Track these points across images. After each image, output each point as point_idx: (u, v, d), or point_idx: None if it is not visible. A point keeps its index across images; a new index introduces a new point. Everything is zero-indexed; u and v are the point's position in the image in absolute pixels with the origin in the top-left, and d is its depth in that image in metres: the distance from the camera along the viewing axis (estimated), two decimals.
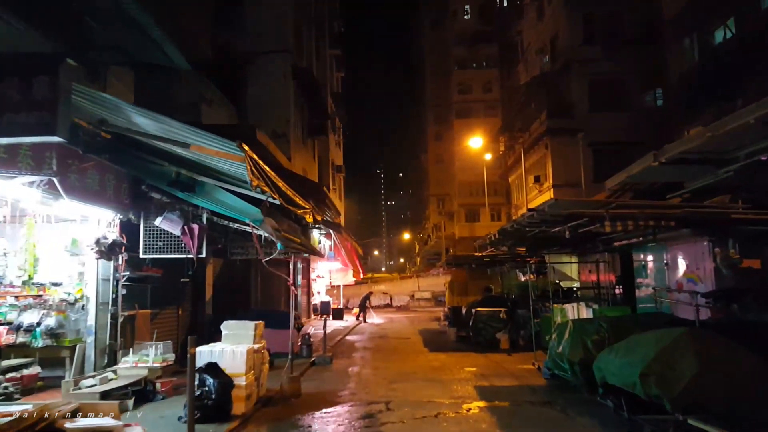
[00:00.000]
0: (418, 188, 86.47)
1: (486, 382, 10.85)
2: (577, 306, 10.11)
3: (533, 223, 10.77)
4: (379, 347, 17.30)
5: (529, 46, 36.88)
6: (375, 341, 19.13)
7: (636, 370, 5.63)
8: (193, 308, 13.74)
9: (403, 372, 12.18)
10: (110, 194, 8.92)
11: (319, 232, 28.85)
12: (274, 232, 9.22)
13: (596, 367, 6.68)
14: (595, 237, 12.17)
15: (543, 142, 30.31)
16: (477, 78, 60.44)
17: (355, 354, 15.60)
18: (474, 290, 23.41)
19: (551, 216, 9.64)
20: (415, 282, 46.20)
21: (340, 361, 14.00)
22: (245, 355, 7.80)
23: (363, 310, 29.41)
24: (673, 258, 10.33)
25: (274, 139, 18.86)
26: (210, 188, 9.14)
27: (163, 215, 9.44)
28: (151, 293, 10.96)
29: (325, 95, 28.90)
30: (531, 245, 13.81)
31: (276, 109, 19.10)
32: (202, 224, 9.66)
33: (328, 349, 16.12)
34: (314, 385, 10.92)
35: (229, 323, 8.82)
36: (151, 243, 9.89)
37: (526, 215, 10.20)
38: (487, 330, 16.56)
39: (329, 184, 30.26)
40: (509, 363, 13.38)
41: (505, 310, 16.75)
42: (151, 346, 9.32)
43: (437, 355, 15.01)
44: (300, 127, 21.77)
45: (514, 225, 11.13)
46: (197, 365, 7.69)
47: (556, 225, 10.34)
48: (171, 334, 11.96)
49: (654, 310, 10.48)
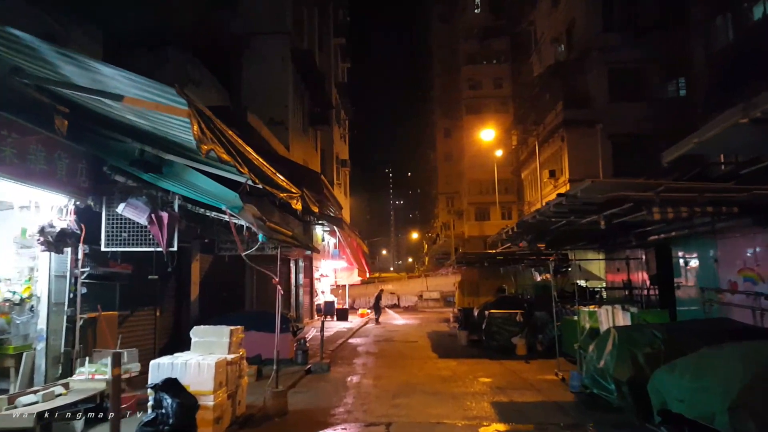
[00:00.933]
0: (427, 186, 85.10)
1: (504, 396, 9.38)
2: (612, 309, 8.64)
3: (561, 212, 9.28)
4: (384, 352, 15.86)
5: (542, 36, 35.29)
6: (380, 345, 17.70)
7: (718, 399, 4.17)
8: (176, 309, 12.37)
9: (408, 383, 10.73)
10: (62, 175, 7.52)
11: (323, 229, 27.51)
12: (256, 221, 7.82)
13: (653, 389, 5.21)
14: (629, 230, 10.68)
15: (559, 134, 28.82)
16: (487, 73, 59.00)
17: (357, 360, 14.16)
18: (486, 290, 21.87)
19: (584, 203, 8.17)
20: (423, 282, 44.78)
21: (338, 369, 12.57)
22: (213, 368, 6.38)
23: (377, 310, 27.93)
24: (724, 253, 8.83)
25: (271, 127, 17.48)
26: (180, 169, 7.74)
27: (126, 201, 8.05)
28: (120, 293, 9.56)
29: (329, 84, 27.49)
30: (553, 240, 12.31)
31: (273, 95, 17.71)
32: (173, 212, 8.26)
33: (327, 354, 14.70)
34: (305, 399, 9.49)
35: (200, 329, 7.42)
36: (115, 234, 8.49)
37: (552, 203, 8.73)
38: (502, 334, 15.09)
39: (333, 178, 28.85)
40: (528, 372, 11.91)
41: (522, 313, 15.27)
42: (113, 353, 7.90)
43: (447, 362, 13.56)
44: (300, 116, 20.36)
45: (536, 216, 9.66)
46: (153, 381, 6.30)
47: (588, 214, 8.86)
48: (146, 339, 10.59)
49: (701, 314, 8.98)
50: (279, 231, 8.78)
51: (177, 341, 11.06)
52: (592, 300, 16.90)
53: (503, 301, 16.86)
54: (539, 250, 15.82)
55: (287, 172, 11.76)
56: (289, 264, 22.46)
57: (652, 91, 26.97)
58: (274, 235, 8.34)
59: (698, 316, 9.02)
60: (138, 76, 4.17)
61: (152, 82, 4.13)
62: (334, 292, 34.86)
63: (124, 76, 4.26)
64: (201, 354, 7.02)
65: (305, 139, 21.60)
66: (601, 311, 8.80)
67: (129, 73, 4.18)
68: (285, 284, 22.08)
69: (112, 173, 8.26)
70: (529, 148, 34.08)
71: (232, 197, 7.53)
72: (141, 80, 4.18)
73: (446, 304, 37.61)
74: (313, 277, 27.55)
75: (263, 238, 7.66)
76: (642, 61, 27.01)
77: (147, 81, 4.15)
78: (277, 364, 8.78)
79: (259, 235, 7.63)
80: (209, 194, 7.70)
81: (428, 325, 25.71)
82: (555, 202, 8.61)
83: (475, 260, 20.89)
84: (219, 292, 14.75)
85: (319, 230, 26.74)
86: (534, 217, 9.80)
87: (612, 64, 27.27)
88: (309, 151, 21.91)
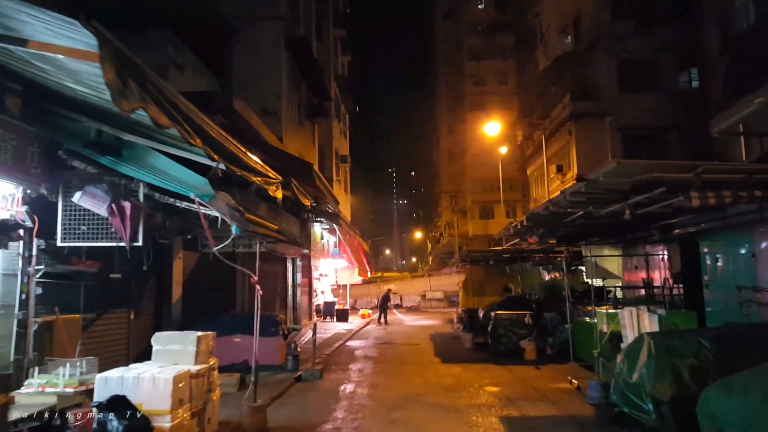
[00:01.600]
0: (430, 185, 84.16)
1: (514, 410, 8.35)
2: (636, 311, 7.60)
3: (578, 202, 8.26)
4: (383, 356, 14.84)
5: (548, 28, 34.23)
6: (379, 348, 16.68)
7: None
8: (155, 312, 11.37)
9: (407, 393, 9.71)
10: (7, 159, 6.53)
11: (321, 227, 26.49)
12: (230, 212, 6.81)
13: (705, 413, 4.19)
14: (651, 222, 9.65)
15: (566, 127, 27.77)
16: (492, 69, 58.17)
17: (353, 365, 13.13)
18: (491, 290, 20.83)
19: (606, 189, 7.15)
20: (426, 281, 43.78)
21: (332, 376, 11.55)
22: (171, 383, 5.36)
23: (384, 312, 26.83)
24: (764, 247, 7.78)
25: (263, 118, 16.49)
26: (142, 151, 6.75)
27: (83, 189, 7.05)
28: (85, 293, 8.57)
29: (328, 76, 26.51)
30: (565, 235, 11.29)
31: (266, 84, 16.71)
32: (138, 202, 7.25)
33: (321, 359, 13.70)
34: (290, 413, 8.48)
35: (162, 335, 6.42)
36: (73, 227, 7.50)
37: (569, 191, 7.71)
38: (510, 337, 14.05)
39: (333, 174, 27.84)
40: (539, 379, 10.87)
41: (530, 314, 14.23)
42: (67, 364, 6.90)
43: (450, 367, 12.54)
44: (296, 107, 19.36)
45: (549, 207, 8.64)
46: (98, 398, 5.31)
47: (609, 203, 7.83)
48: (117, 346, 9.60)
49: (738, 316, 7.93)
50: (260, 224, 7.78)
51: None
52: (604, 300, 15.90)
53: (510, 302, 15.81)
54: (550, 246, 14.81)
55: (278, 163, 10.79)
56: (286, 263, 21.48)
57: (663, 83, 25.97)
58: (253, 228, 7.33)
59: (734, 319, 7.98)
60: (38, 9, 3.15)
61: (54, 15, 3.12)
62: (335, 292, 33.88)
63: (25, 10, 3.24)
64: (163, 365, 6.01)
65: (301, 131, 20.59)
66: (624, 313, 7.77)
67: (27, 6, 3.16)
68: (281, 284, 21.10)
69: (69, 158, 7.26)
70: (535, 143, 33.02)
71: (202, 184, 6.53)
72: (44, 15, 3.17)
73: (450, 305, 36.63)
74: (312, 277, 26.56)
75: (237, 231, 6.66)
76: (652, 51, 26.05)
77: (49, 15, 3.13)
78: (256, 375, 7.79)
79: (232, 227, 6.63)
80: (176, 180, 6.69)
81: (431, 326, 24.69)
82: (572, 190, 7.59)
83: (480, 258, 19.88)
84: (207, 292, 13.76)
85: (318, 228, 25.74)
86: (547, 208, 8.77)
87: (621, 54, 26.30)
88: (305, 145, 20.90)
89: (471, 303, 20.14)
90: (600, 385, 8.60)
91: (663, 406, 4.87)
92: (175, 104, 4.27)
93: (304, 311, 24.60)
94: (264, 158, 10.13)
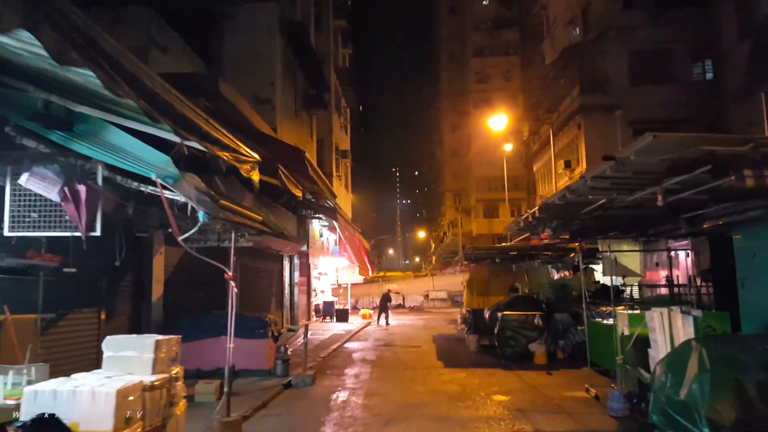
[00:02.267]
0: (434, 184, 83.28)
1: (527, 424, 7.37)
2: (668, 313, 6.63)
3: (600, 189, 7.28)
4: (382, 360, 13.88)
5: (555, 19, 33.19)
6: (378, 351, 15.71)
7: None
8: (132, 312, 10.44)
9: (406, 403, 8.74)
10: None
11: (321, 224, 25.56)
12: (198, 196, 5.85)
13: None
14: (678, 214, 8.65)
15: (575, 121, 26.83)
16: (496, 66, 57.28)
17: (349, 370, 12.17)
18: (496, 289, 19.85)
19: (637, 170, 6.16)
20: (429, 281, 42.82)
21: (325, 382, 10.58)
22: (114, 398, 4.40)
23: (385, 312, 25.85)
24: None
25: (256, 106, 15.54)
26: (97, 126, 5.77)
27: (30, 170, 6.11)
28: (44, 291, 7.63)
29: (328, 67, 25.57)
30: (580, 229, 10.31)
31: (258, 71, 15.76)
32: (95, 185, 6.30)
33: (316, 362, 12.76)
34: (272, 426, 7.52)
35: (114, 339, 5.46)
36: (22, 214, 6.55)
37: (590, 175, 6.73)
38: (518, 340, 13.08)
39: (332, 170, 26.90)
40: (552, 387, 9.89)
41: (541, 315, 13.24)
42: (10, 372, 5.96)
43: (454, 372, 11.57)
44: (291, 96, 18.40)
45: (566, 195, 7.65)
46: (24, 417, 4.36)
47: (637, 188, 6.85)
48: (84, 350, 8.66)
49: None
50: (238, 212, 6.82)
51: None
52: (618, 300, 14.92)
53: (518, 302, 14.81)
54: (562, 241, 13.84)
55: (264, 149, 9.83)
56: (282, 261, 20.54)
57: (676, 74, 25.02)
58: (228, 216, 6.37)
59: None
60: None
61: None
62: (336, 291, 32.96)
63: None
64: (113, 374, 5.06)
65: (298, 123, 19.63)
66: (654, 315, 6.79)
67: None
68: (277, 283, 20.17)
69: (17, 136, 6.30)
70: (542, 139, 32.05)
71: (163, 162, 5.58)
72: None
73: (454, 305, 35.71)
74: (311, 276, 25.63)
75: (205, 217, 5.71)
76: (665, 41, 25.17)
77: None
78: (229, 384, 6.83)
79: (199, 213, 5.67)
80: (135, 160, 5.74)
81: (434, 327, 23.73)
82: (595, 173, 6.61)
83: (485, 256, 18.91)
84: (193, 291, 12.83)
85: (317, 225, 24.82)
86: (563, 196, 7.78)
87: (633, 44, 25.44)
88: (302, 137, 19.94)
89: (476, 303, 19.18)
90: (623, 396, 7.64)
91: (724, 431, 3.91)
92: (107, 53, 3.34)
93: (302, 311, 23.68)
94: (249, 144, 9.18)
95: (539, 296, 17.52)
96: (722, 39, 22.10)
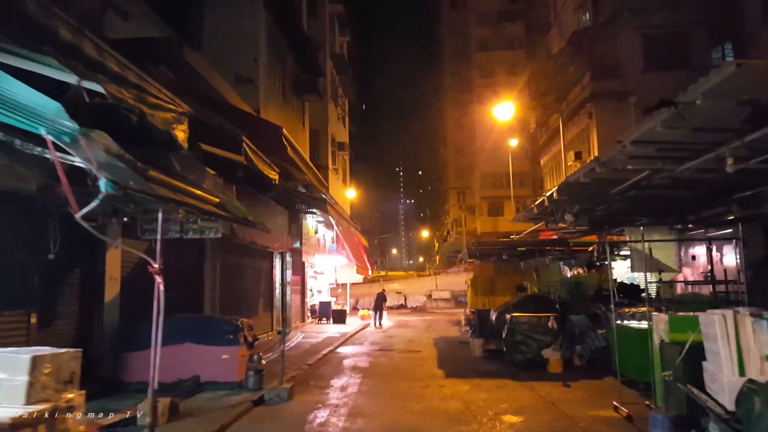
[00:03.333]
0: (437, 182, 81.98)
1: None
2: (733, 315, 5.09)
3: (640, 157, 5.73)
4: (375, 368, 12.34)
5: (564, 5, 31.65)
6: (373, 357, 14.17)
7: None
8: (80, 316, 8.91)
9: (397, 426, 7.20)
10: None
11: (316, 220, 24.03)
12: (108, 160, 4.32)
13: None
14: (729, 194, 7.11)
15: (586, 109, 25.33)
16: (501, 60, 55.96)
17: (336, 381, 10.61)
18: (503, 289, 18.31)
19: (702, 123, 4.61)
20: (432, 280, 41.26)
21: (304, 397, 9.01)
22: None
23: (379, 313, 24.47)
24: None
25: (237, 85, 14.04)
26: None
27: None
28: None
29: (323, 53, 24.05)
30: (606, 215, 8.74)
31: (239, 46, 14.23)
32: None
33: (300, 371, 11.24)
34: None
35: None
36: None
37: (630, 138, 5.23)
38: (529, 345, 11.52)
39: (328, 162, 25.37)
40: (573, 403, 8.34)
41: (555, 316, 11.69)
42: None
43: (456, 384, 10.01)
44: (279, 78, 16.86)
45: (596, 168, 6.12)
46: None
47: (694, 154, 5.30)
48: None
49: None
50: (176, 188, 5.29)
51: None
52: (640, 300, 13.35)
53: (528, 302, 13.23)
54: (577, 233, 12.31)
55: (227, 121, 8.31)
56: (272, 258, 19.00)
57: (694, 59, 23.45)
58: (155, 189, 4.83)
59: None
60: None
61: None
62: (334, 291, 31.44)
63: None
64: None
65: (288, 109, 18.09)
66: (713, 319, 5.24)
67: None
68: (266, 282, 18.64)
69: None
70: (550, 130, 30.51)
71: (53, 111, 4.05)
72: None
73: (457, 305, 34.22)
74: (305, 275, 24.10)
75: (110, 187, 4.14)
76: (681, 23, 23.70)
77: None
78: (153, 414, 5.27)
79: (100, 180, 4.12)
80: (19, 110, 4.21)
81: (436, 329, 22.20)
82: (637, 135, 5.09)
83: (490, 252, 17.36)
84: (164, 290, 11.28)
85: (312, 222, 23.31)
86: (591, 171, 6.24)
87: (647, 28, 24.02)
88: (292, 125, 18.39)
89: (480, 303, 17.63)
90: (669, 420, 6.08)
91: None
92: None
93: (295, 312, 22.16)
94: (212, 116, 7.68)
95: (549, 295, 15.97)
96: (745, 20, 20.57)
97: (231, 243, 14.19)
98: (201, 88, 9.77)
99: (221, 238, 13.48)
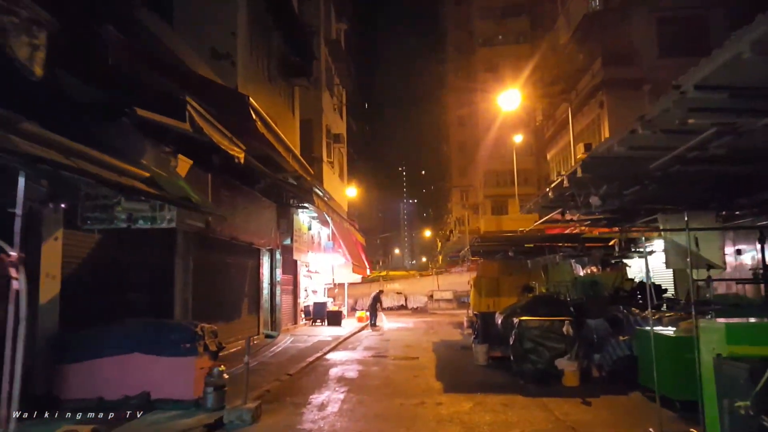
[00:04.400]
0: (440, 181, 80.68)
1: None
2: None
3: (706, 109, 4.25)
4: (365, 380, 10.86)
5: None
6: (364, 365, 12.69)
7: None
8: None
9: None
10: None
11: (309, 215, 22.56)
12: None
13: None
14: None
15: (596, 98, 23.88)
16: (505, 55, 54.67)
17: (315, 396, 9.11)
18: (508, 289, 16.81)
19: None
20: (434, 280, 39.78)
21: (271, 420, 7.50)
22: None
23: (374, 314, 23.17)
24: None
25: (213, 61, 12.60)
26: None
27: None
28: None
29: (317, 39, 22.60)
30: (637, 200, 7.23)
31: (215, 18, 12.77)
32: None
33: (273, 385, 9.75)
34: None
35: None
36: None
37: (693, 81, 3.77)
38: (541, 353, 10.03)
39: (322, 154, 23.90)
40: (596, 426, 6.87)
41: (570, 321, 10.19)
42: None
43: (457, 400, 8.53)
44: (263, 58, 15.38)
45: (638, 129, 4.64)
46: None
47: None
48: None
49: None
50: (55, 143, 3.83)
51: None
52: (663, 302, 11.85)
53: (539, 304, 11.77)
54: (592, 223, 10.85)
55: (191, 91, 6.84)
56: (259, 256, 17.55)
57: (713, 44, 21.91)
58: (23, 147, 3.38)
59: None
60: None
61: None
62: (331, 291, 29.97)
63: None
64: None
65: (274, 92, 16.60)
66: None
67: None
68: (252, 281, 17.18)
69: None
70: (557, 122, 29.01)
71: None
72: None
73: (460, 305, 32.80)
74: (298, 273, 22.63)
75: None
76: (699, 6, 22.27)
77: None
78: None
79: None
80: None
81: (437, 331, 20.73)
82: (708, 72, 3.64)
83: (495, 249, 15.84)
84: (120, 292, 9.85)
85: (306, 217, 21.84)
86: (633, 132, 4.73)
87: (662, 12, 22.62)
88: (280, 110, 16.90)
89: (484, 305, 16.13)
90: None
91: None
92: None
93: (286, 314, 20.70)
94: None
95: (558, 295, 14.49)
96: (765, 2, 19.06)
97: (207, 238, 12.73)
98: (159, 56, 8.28)
99: (195, 232, 12.11)
